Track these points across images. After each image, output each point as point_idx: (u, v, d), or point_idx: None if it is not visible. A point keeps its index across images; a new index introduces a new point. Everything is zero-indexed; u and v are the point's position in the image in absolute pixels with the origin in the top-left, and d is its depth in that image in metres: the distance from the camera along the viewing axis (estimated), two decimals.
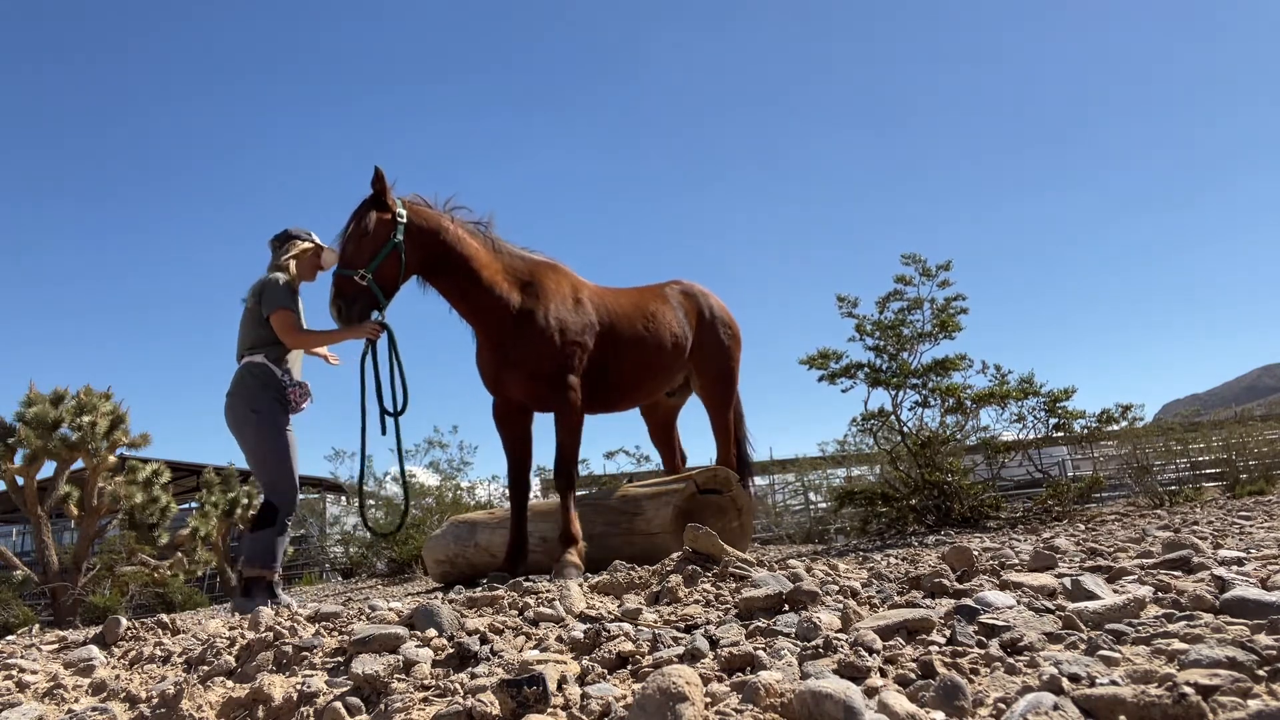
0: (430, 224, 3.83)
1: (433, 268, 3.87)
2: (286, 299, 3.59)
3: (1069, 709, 0.89)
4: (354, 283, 3.56)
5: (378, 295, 3.62)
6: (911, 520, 3.99)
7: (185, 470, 13.89)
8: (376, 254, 3.62)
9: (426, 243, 3.80)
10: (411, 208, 3.82)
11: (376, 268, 3.61)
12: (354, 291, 3.57)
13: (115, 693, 1.53)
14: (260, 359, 3.54)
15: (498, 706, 1.12)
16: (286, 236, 3.81)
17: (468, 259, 3.87)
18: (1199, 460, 7.14)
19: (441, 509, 8.79)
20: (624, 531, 3.93)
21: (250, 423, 3.45)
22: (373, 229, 3.64)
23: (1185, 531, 2.37)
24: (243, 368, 3.55)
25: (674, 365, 4.57)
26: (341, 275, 3.59)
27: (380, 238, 3.64)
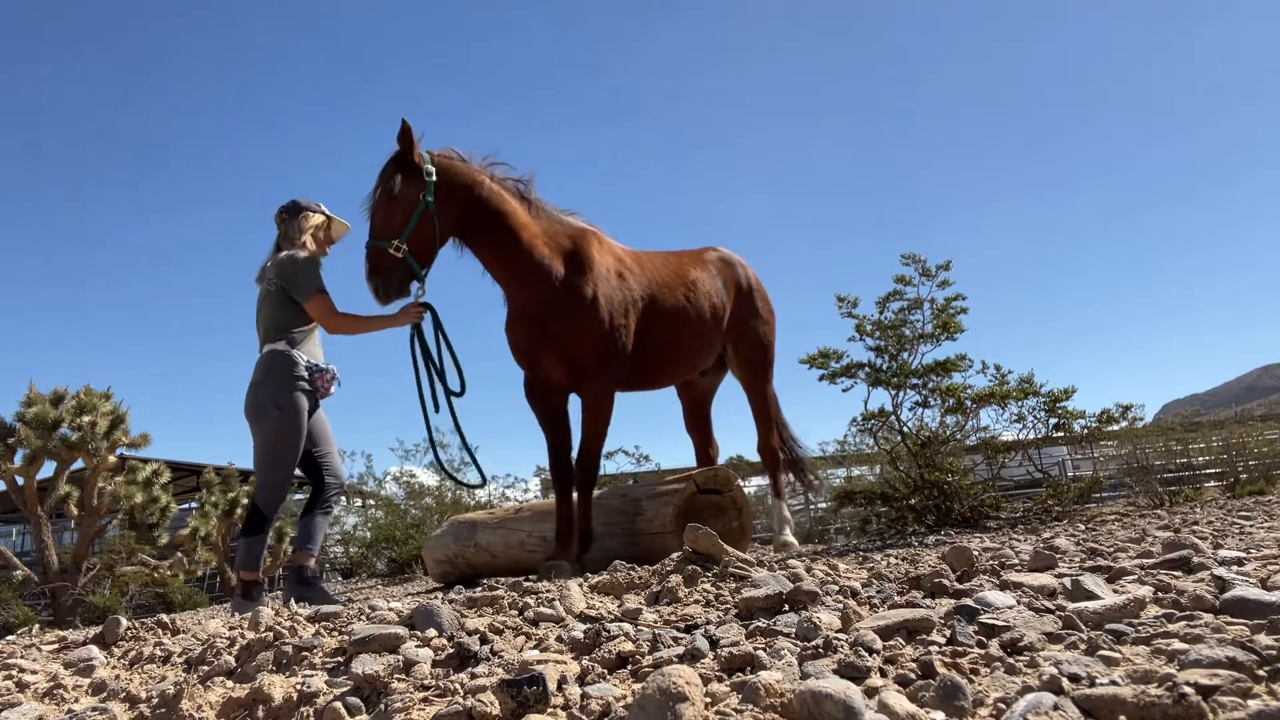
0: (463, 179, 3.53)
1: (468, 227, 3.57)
2: (320, 280, 3.37)
3: (1069, 709, 0.89)
4: (388, 255, 3.30)
5: (414, 267, 3.36)
6: (911, 520, 3.99)
7: (185, 470, 13.90)
8: (408, 221, 3.34)
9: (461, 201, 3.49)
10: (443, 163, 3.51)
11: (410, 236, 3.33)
12: (390, 265, 3.31)
13: (115, 693, 1.53)
14: (284, 346, 3.33)
15: (498, 706, 1.12)
16: (296, 209, 3.55)
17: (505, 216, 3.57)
18: (1199, 460, 7.14)
19: (441, 509, 8.79)
20: (624, 531, 3.93)
21: (272, 418, 3.27)
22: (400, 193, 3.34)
23: (1185, 531, 2.37)
24: (268, 355, 3.34)
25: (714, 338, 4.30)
26: (374, 248, 3.33)
27: (410, 202, 3.35)
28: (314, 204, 3.58)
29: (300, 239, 3.47)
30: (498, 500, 10.14)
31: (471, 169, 3.58)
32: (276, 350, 3.32)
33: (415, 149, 3.41)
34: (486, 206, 3.53)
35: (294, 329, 3.35)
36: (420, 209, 3.34)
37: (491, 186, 3.58)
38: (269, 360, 3.32)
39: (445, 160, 3.53)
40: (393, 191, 3.34)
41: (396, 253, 3.31)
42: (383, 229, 3.34)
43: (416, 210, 3.34)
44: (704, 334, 4.18)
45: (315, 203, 3.58)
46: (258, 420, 3.30)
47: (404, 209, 3.34)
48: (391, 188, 3.34)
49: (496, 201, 3.56)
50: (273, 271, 3.36)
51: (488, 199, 3.53)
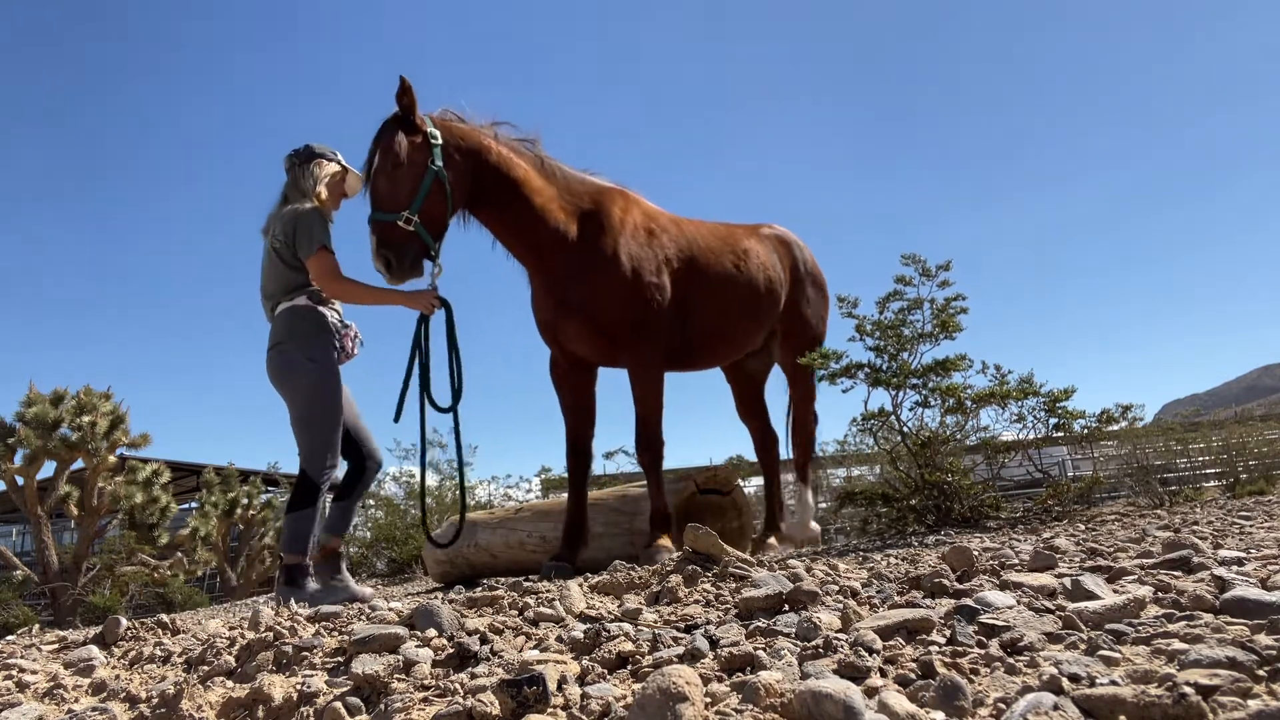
0: (470, 143, 3.18)
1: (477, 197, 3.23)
2: (325, 236, 3.00)
3: (1069, 709, 0.89)
4: (398, 229, 2.95)
5: (427, 240, 3.01)
6: (911, 520, 3.99)
7: (185, 470, 13.91)
8: (417, 189, 2.99)
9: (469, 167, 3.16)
10: (445, 126, 3.17)
11: (421, 207, 2.98)
12: (401, 239, 2.95)
13: (115, 693, 1.53)
14: (304, 301, 3.01)
15: (498, 706, 1.12)
16: (310, 155, 3.15)
17: (518, 184, 3.24)
18: (1199, 460, 7.14)
19: (441, 509, 8.79)
20: (624, 531, 3.93)
21: (307, 374, 2.94)
22: (406, 157, 2.99)
23: (1185, 531, 2.37)
24: (287, 313, 3.00)
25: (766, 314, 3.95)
26: (382, 221, 2.96)
27: (417, 168, 3.00)
28: (330, 151, 3.21)
29: (316, 188, 3.10)
30: (498, 500, 10.14)
31: (476, 131, 3.25)
32: (298, 306, 3.01)
33: (416, 109, 3.07)
34: (497, 173, 3.22)
35: (307, 286, 3.04)
36: (430, 176, 3.01)
37: (501, 151, 3.26)
38: (290, 317, 3.00)
39: (449, 123, 3.21)
40: (398, 158, 2.99)
41: (407, 225, 2.96)
42: (389, 200, 2.98)
43: (425, 178, 3.00)
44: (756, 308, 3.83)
45: (331, 149, 3.22)
46: (288, 381, 2.98)
47: (411, 177, 2.99)
48: (397, 153, 2.99)
49: (507, 167, 3.24)
50: (279, 226, 3.02)
51: (498, 165, 3.22)
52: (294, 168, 3.14)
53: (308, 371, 2.95)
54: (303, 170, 3.12)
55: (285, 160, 3.19)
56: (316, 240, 2.96)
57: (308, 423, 2.98)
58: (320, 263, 2.96)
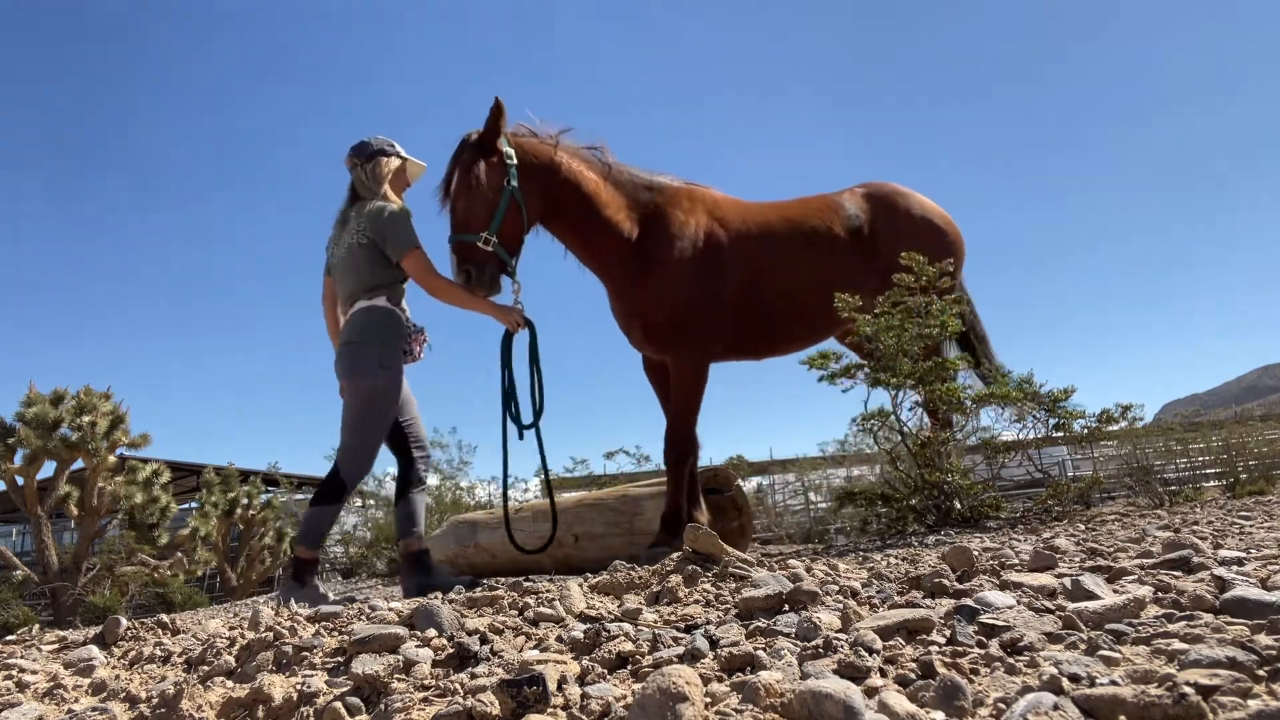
0: (543, 160, 3.28)
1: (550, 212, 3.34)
2: (416, 235, 3.05)
3: (1069, 709, 0.89)
4: (478, 249, 3.07)
5: (505, 258, 3.13)
6: (911, 520, 3.99)
7: (185, 470, 13.92)
8: (494, 210, 3.10)
9: (542, 185, 3.25)
10: (519, 144, 3.26)
11: (499, 227, 3.09)
12: (481, 258, 3.07)
13: (115, 693, 1.53)
14: (384, 302, 3.04)
15: (498, 706, 1.12)
16: (370, 152, 3.17)
17: (588, 197, 3.33)
18: (1199, 460, 7.14)
19: (441, 509, 8.79)
20: (624, 531, 3.93)
21: (373, 379, 2.97)
22: (484, 179, 3.10)
23: (1185, 531, 2.37)
24: (367, 311, 3.03)
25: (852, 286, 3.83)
26: (461, 242, 3.09)
27: (494, 189, 3.11)
28: (387, 144, 3.22)
29: (380, 188, 3.15)
30: (498, 500, 10.14)
31: (548, 148, 3.34)
32: (377, 306, 3.03)
33: (501, 132, 3.17)
34: (568, 187, 3.31)
35: (391, 285, 3.07)
36: (506, 196, 3.12)
37: (571, 165, 3.36)
38: (368, 316, 3.03)
39: (522, 140, 3.29)
40: (477, 179, 3.10)
41: (486, 246, 3.08)
42: (468, 221, 3.11)
43: (502, 198, 3.11)
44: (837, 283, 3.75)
45: (388, 142, 3.23)
46: (356, 379, 3.01)
47: (488, 199, 3.11)
48: (476, 175, 3.10)
49: (577, 181, 3.33)
50: (365, 223, 3.05)
51: (568, 179, 3.32)
52: (356, 166, 3.17)
53: (375, 376, 2.98)
54: (365, 168, 3.15)
55: (347, 158, 3.21)
56: (412, 240, 3.02)
57: (358, 425, 3.01)
58: (418, 261, 3.01)
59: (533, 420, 3.20)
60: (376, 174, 3.14)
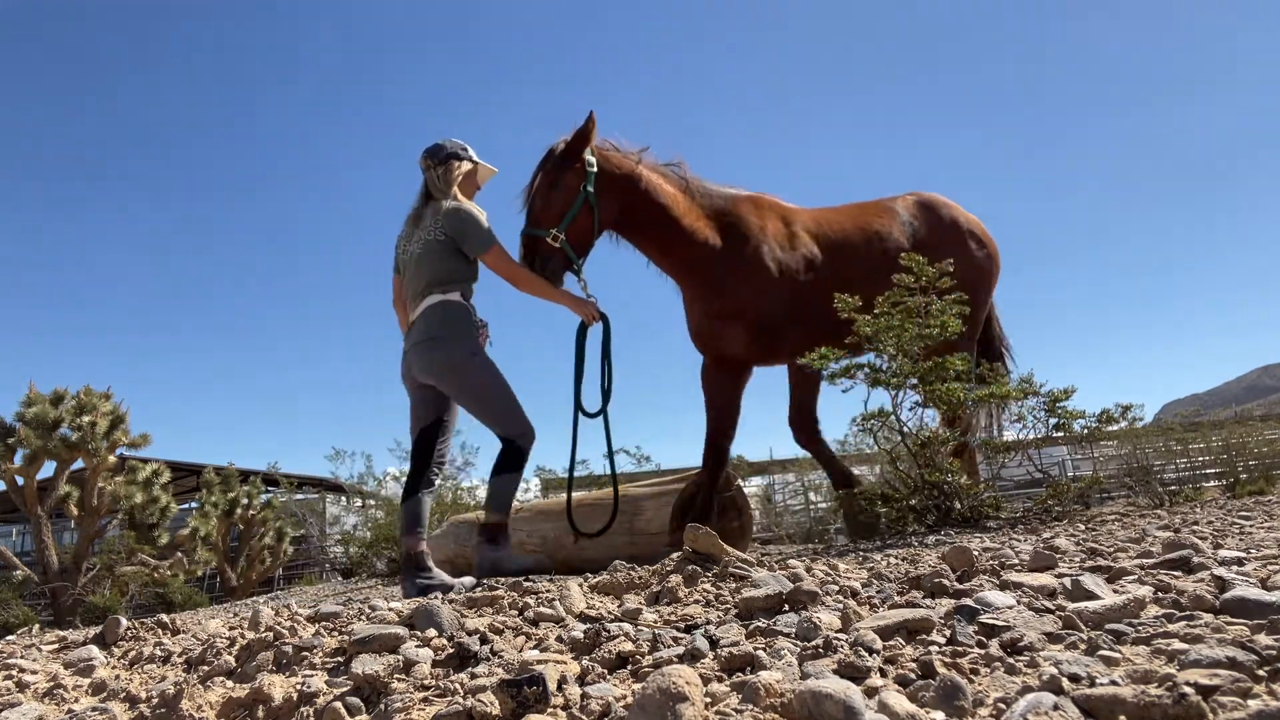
0: (623, 172, 3.52)
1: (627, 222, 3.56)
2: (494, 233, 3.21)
3: (1069, 709, 0.89)
4: (545, 243, 3.29)
5: (571, 255, 3.34)
6: (911, 520, 3.98)
7: (185, 470, 13.92)
8: (566, 210, 3.34)
9: (620, 194, 3.49)
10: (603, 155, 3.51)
11: (568, 226, 3.32)
12: (546, 252, 3.29)
13: (115, 693, 1.54)
14: (457, 297, 3.16)
15: (498, 706, 1.12)
16: (444, 155, 3.28)
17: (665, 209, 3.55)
18: (1199, 460, 7.14)
19: (441, 509, 8.79)
20: (624, 531, 3.92)
21: (471, 365, 3.10)
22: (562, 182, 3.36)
23: (1185, 531, 2.37)
24: (442, 306, 3.14)
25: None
26: (530, 235, 3.32)
27: (570, 191, 3.36)
28: (460, 148, 3.33)
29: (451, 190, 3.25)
30: None
31: (630, 161, 3.55)
32: (451, 300, 3.15)
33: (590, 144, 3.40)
34: (647, 199, 3.53)
35: (464, 281, 3.20)
36: (580, 199, 3.35)
37: (650, 179, 3.58)
38: (444, 310, 3.13)
39: (606, 153, 3.52)
40: (554, 181, 3.34)
41: (554, 242, 3.29)
42: (540, 216, 3.34)
43: (576, 200, 3.35)
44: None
45: (461, 145, 3.34)
46: (454, 375, 3.11)
47: (563, 198, 3.34)
48: (553, 178, 3.35)
49: (655, 193, 3.55)
50: (442, 221, 3.16)
51: (646, 192, 3.53)
52: (430, 168, 3.28)
53: (475, 365, 3.11)
54: (439, 171, 3.26)
55: (421, 160, 3.31)
56: (490, 237, 3.15)
57: (499, 407, 3.12)
58: (500, 256, 3.16)
59: (600, 408, 3.39)
60: (449, 177, 3.25)
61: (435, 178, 3.25)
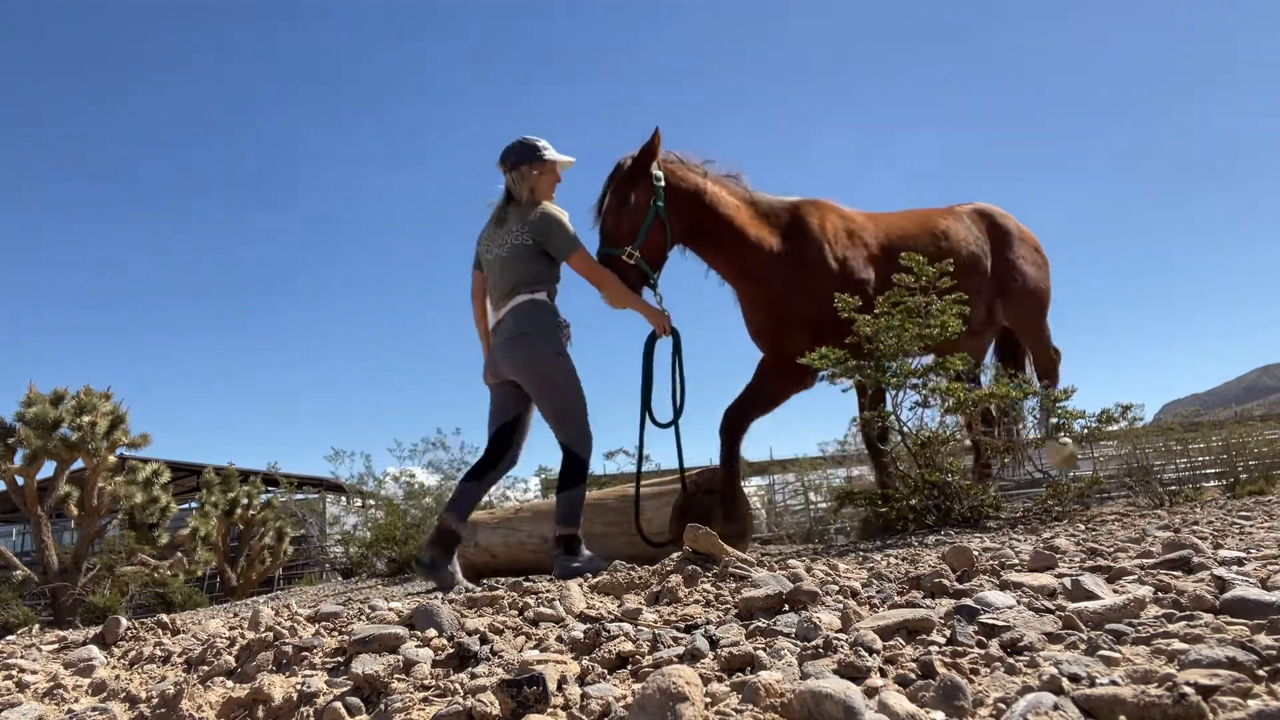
0: (689, 187, 3.65)
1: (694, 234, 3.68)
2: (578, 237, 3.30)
3: (1069, 709, 0.89)
4: (621, 261, 3.41)
5: (647, 271, 3.47)
6: (911, 520, 3.98)
7: (185, 470, 13.91)
8: (638, 227, 3.45)
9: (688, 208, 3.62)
10: (669, 169, 3.61)
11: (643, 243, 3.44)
12: (623, 270, 3.40)
13: (115, 693, 1.54)
14: (545, 297, 3.25)
15: (498, 706, 1.12)
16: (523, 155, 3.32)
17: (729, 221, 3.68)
18: (1199, 460, 7.13)
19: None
20: (624, 531, 3.92)
21: (557, 367, 3.18)
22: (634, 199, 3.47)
23: (1185, 531, 2.37)
24: (530, 305, 3.21)
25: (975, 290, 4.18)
26: (607, 255, 3.44)
27: (641, 208, 3.46)
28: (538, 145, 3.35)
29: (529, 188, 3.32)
30: (498, 500, 10.14)
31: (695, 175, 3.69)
32: (538, 300, 3.23)
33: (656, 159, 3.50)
34: (713, 211, 3.66)
35: (550, 282, 3.29)
36: (651, 216, 3.46)
37: (714, 192, 3.70)
38: (533, 309, 3.22)
39: (672, 167, 3.63)
40: (626, 198, 3.45)
41: (629, 259, 3.40)
42: (615, 235, 3.45)
43: (648, 217, 3.45)
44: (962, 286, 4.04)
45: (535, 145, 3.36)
46: (539, 373, 3.18)
47: (635, 216, 3.45)
48: (624, 195, 3.46)
49: (720, 206, 3.68)
50: (528, 226, 3.23)
51: (712, 205, 3.68)
52: (512, 169, 3.33)
53: (559, 366, 3.19)
54: (519, 172, 3.31)
55: (500, 162, 3.37)
56: (576, 241, 3.25)
57: (569, 411, 3.21)
58: (585, 259, 3.26)
59: (672, 419, 3.50)
60: (527, 176, 3.30)
61: (514, 180, 3.31)
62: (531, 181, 3.28)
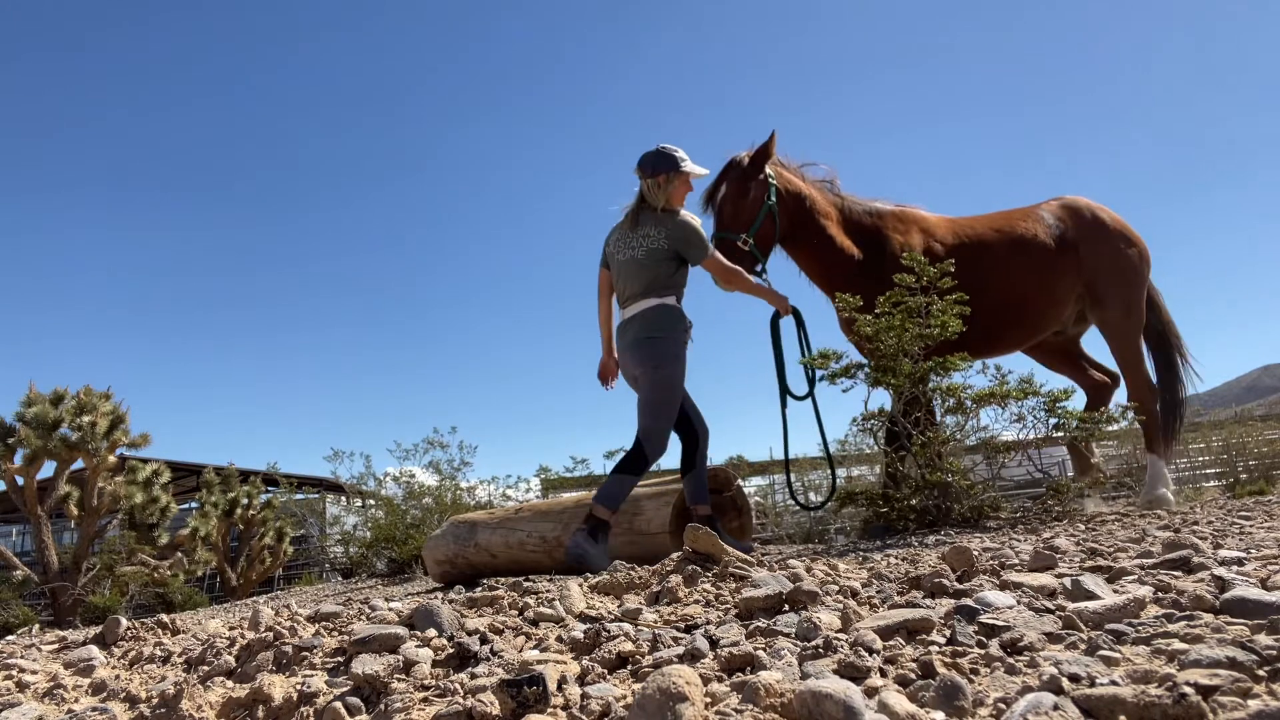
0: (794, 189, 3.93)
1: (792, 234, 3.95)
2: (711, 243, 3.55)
3: (1069, 709, 0.89)
4: (736, 246, 3.71)
5: (758, 257, 3.78)
6: (912, 520, 3.98)
7: (185, 470, 13.92)
8: (754, 219, 3.75)
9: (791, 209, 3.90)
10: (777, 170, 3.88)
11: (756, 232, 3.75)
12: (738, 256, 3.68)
13: (115, 693, 1.54)
14: (674, 300, 3.47)
15: (498, 706, 1.12)
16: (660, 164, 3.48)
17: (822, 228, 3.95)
18: (1199, 460, 7.14)
19: (441, 509, 8.78)
20: (624, 531, 3.92)
21: (672, 368, 3.39)
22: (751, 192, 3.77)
23: (1185, 531, 2.37)
24: (662, 309, 3.43)
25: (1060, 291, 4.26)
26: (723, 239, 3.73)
27: (758, 201, 3.77)
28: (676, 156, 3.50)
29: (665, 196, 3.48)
30: (498, 500, 10.13)
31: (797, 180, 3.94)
32: (668, 304, 3.45)
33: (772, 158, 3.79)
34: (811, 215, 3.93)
35: (680, 286, 3.51)
36: (765, 210, 3.78)
37: (814, 196, 3.96)
38: (665, 312, 3.43)
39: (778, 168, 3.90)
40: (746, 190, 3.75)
41: (744, 245, 3.70)
42: (732, 222, 3.75)
43: (762, 210, 3.78)
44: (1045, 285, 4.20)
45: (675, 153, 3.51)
46: (658, 368, 3.39)
47: (752, 207, 3.76)
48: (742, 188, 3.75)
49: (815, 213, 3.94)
50: (664, 231, 3.42)
51: (812, 208, 3.94)
52: (648, 176, 3.51)
53: (674, 367, 3.42)
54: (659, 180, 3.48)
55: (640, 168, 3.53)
56: (710, 247, 3.49)
57: (660, 408, 3.42)
58: (719, 262, 3.51)
59: (807, 390, 3.82)
60: (665, 184, 3.48)
61: (650, 187, 3.49)
62: (668, 189, 3.46)
